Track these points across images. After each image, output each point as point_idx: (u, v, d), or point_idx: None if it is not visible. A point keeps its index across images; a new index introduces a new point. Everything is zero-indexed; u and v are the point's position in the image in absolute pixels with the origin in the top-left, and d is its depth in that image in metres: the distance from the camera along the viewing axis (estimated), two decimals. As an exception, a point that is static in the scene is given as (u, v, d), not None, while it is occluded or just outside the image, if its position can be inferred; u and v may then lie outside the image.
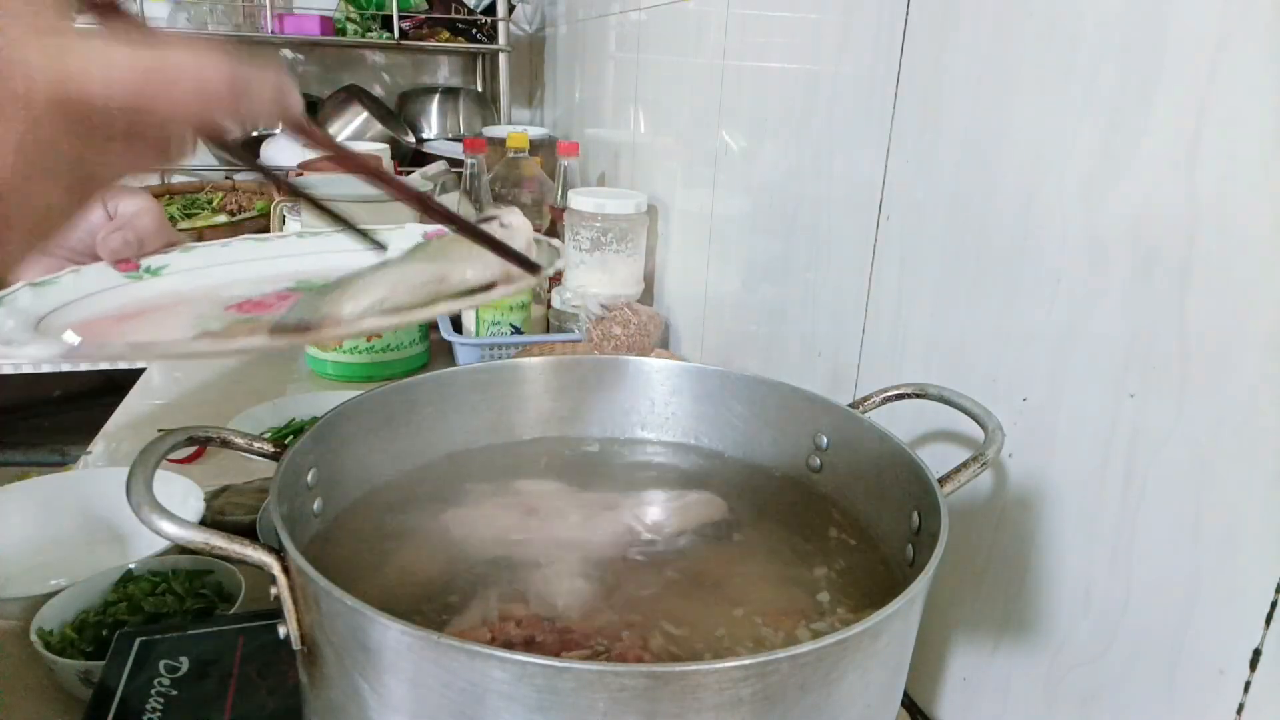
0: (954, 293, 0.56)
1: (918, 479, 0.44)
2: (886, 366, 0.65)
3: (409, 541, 0.48)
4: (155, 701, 0.47)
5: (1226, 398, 0.38)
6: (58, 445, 1.42)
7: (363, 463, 0.52)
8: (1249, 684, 0.38)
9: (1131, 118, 0.42)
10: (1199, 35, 0.39)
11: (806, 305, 0.78)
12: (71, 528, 0.71)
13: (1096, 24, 0.44)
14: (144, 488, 0.37)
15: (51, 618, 0.57)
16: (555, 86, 1.98)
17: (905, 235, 0.62)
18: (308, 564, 0.33)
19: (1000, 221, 0.52)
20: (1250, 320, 0.37)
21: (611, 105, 1.47)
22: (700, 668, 0.30)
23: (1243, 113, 0.37)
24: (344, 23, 1.83)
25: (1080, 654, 0.47)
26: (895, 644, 0.37)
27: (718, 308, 1.02)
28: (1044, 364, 0.49)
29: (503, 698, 0.30)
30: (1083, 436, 0.46)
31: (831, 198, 0.73)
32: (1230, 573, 0.39)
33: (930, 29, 0.58)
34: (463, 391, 0.57)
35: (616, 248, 1.13)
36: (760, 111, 0.87)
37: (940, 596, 0.58)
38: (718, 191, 0.99)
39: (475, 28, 1.94)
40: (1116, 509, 0.44)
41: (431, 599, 0.43)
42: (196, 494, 0.71)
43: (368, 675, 0.33)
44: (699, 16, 1.03)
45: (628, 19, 1.34)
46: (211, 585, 0.61)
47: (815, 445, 0.54)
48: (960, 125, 0.55)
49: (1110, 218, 0.44)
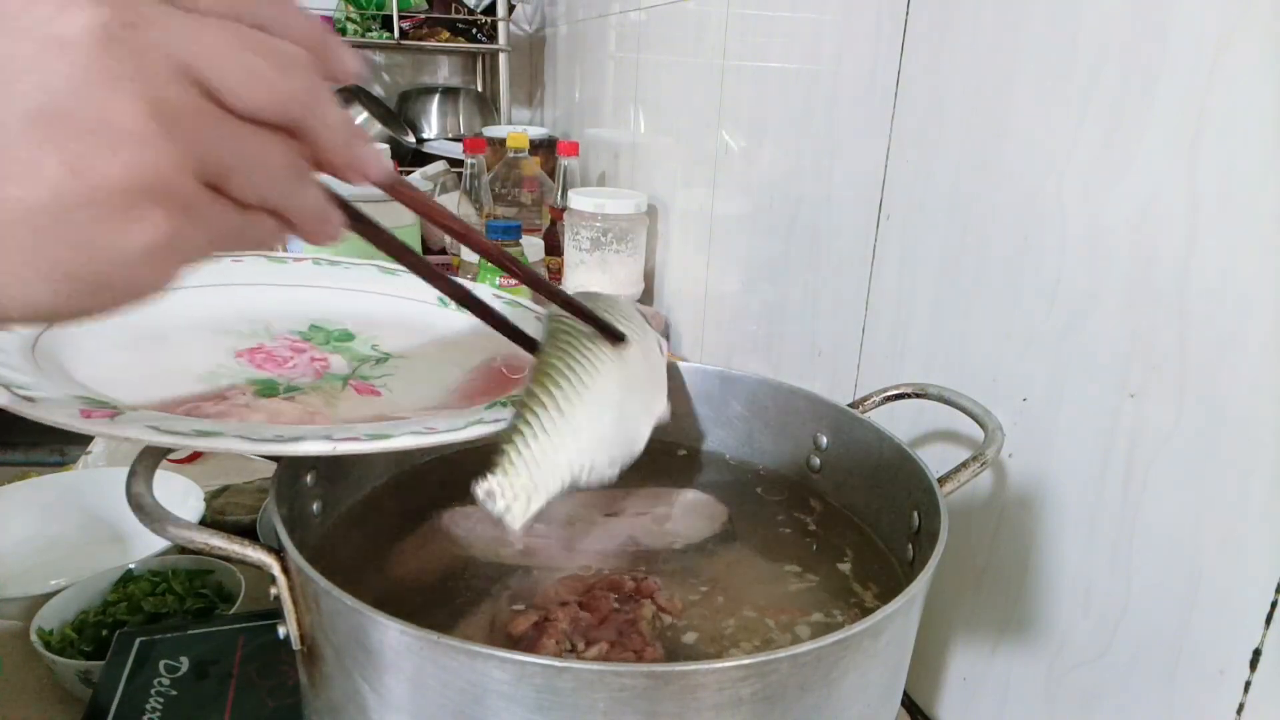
0: (954, 293, 0.56)
1: (918, 479, 0.44)
2: (886, 366, 0.65)
3: (409, 542, 0.48)
4: (155, 701, 0.47)
5: (1226, 398, 0.38)
6: (58, 445, 1.42)
7: (363, 462, 0.52)
8: (1249, 684, 0.38)
9: (1131, 118, 0.42)
10: (1199, 35, 0.39)
11: (806, 305, 0.78)
12: (71, 528, 0.71)
13: (1096, 24, 0.44)
14: (144, 488, 0.37)
15: (51, 618, 0.57)
16: (555, 86, 1.98)
17: (905, 235, 0.62)
18: (308, 564, 0.33)
19: (1000, 221, 0.52)
20: (1250, 320, 0.37)
21: (611, 105, 1.47)
22: (700, 667, 0.30)
23: (1243, 113, 0.37)
24: (344, 23, 1.83)
25: (1080, 654, 0.47)
26: (895, 644, 0.37)
27: (718, 308, 1.02)
28: (1044, 364, 0.49)
29: (503, 698, 0.30)
30: (1083, 436, 0.46)
31: (831, 198, 0.73)
32: (1230, 573, 0.39)
33: (930, 29, 0.58)
34: (463, 391, 0.56)
35: (616, 248, 1.13)
36: (760, 111, 0.87)
37: (940, 596, 0.58)
38: (717, 191, 0.99)
39: (475, 28, 1.94)
40: (1116, 509, 0.44)
41: (431, 599, 0.43)
42: (196, 494, 0.71)
43: (368, 675, 0.33)
44: (699, 16, 1.03)
45: (628, 19, 1.34)
46: (211, 585, 0.61)
47: (815, 445, 0.54)
48: (960, 125, 0.55)
49: (1110, 218, 0.44)
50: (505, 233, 0.98)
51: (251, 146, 0.23)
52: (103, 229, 0.21)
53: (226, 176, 0.23)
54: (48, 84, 0.19)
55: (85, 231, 0.21)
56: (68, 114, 0.19)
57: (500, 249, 0.39)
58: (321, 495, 0.47)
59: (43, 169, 0.20)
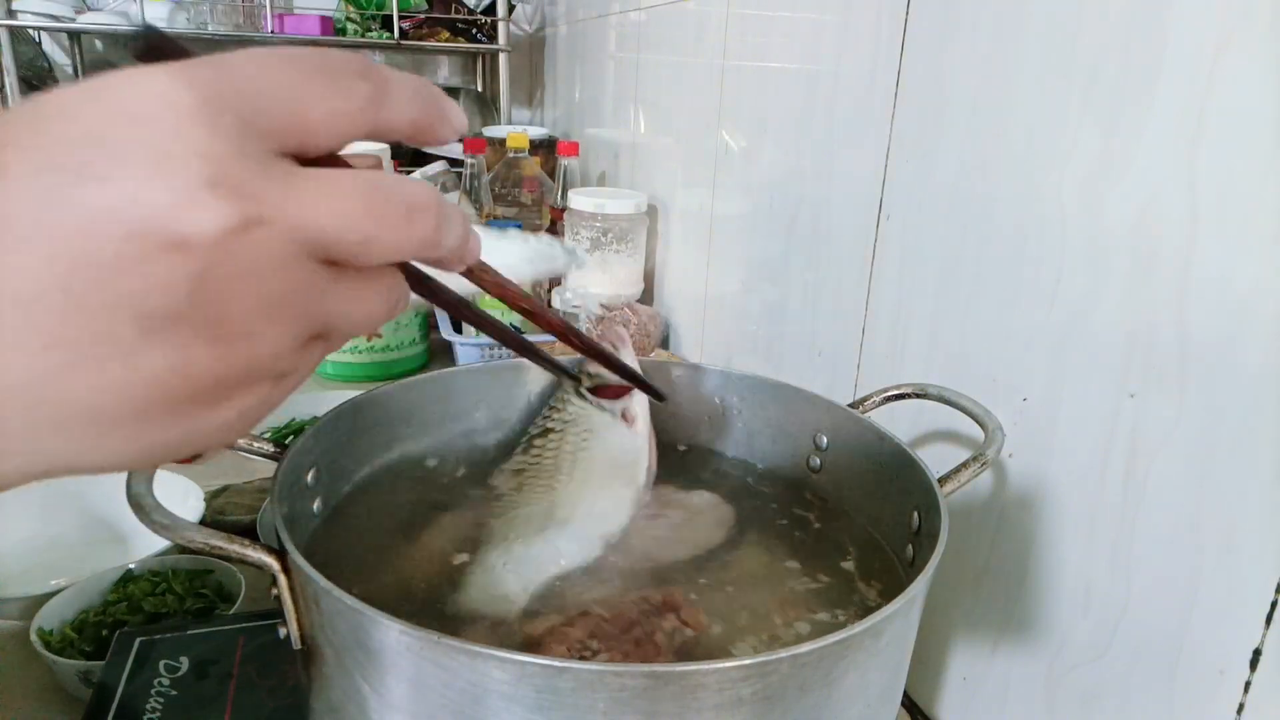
0: (954, 293, 0.56)
1: (918, 479, 0.44)
2: (886, 366, 0.65)
3: (409, 541, 0.48)
4: (155, 701, 0.47)
5: (1226, 398, 0.38)
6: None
7: (363, 463, 0.52)
8: (1249, 684, 0.38)
9: (1131, 118, 0.42)
10: (1199, 35, 0.39)
11: (806, 305, 0.78)
12: (71, 528, 0.71)
13: (1097, 24, 0.44)
14: (144, 488, 0.37)
15: (51, 618, 0.57)
16: (555, 86, 1.98)
17: (905, 235, 0.62)
18: (308, 564, 0.33)
19: (1000, 221, 0.52)
20: (1250, 320, 0.37)
21: (611, 105, 1.47)
22: (700, 667, 0.30)
23: (1243, 113, 0.37)
24: (344, 23, 1.83)
25: (1080, 654, 0.47)
26: (895, 644, 0.37)
27: (718, 308, 1.02)
28: (1044, 364, 0.49)
29: (503, 698, 0.30)
30: (1083, 436, 0.46)
31: (831, 198, 0.73)
32: (1230, 573, 0.39)
33: (930, 29, 0.58)
34: (463, 391, 0.57)
35: (616, 248, 1.13)
36: (760, 111, 0.87)
37: (940, 596, 0.58)
38: (718, 191, 0.99)
39: (475, 28, 1.94)
40: (1116, 509, 0.44)
41: (432, 599, 0.43)
42: (196, 494, 0.71)
43: (368, 675, 0.33)
44: (699, 16, 1.03)
45: (628, 19, 1.34)
46: (211, 585, 0.61)
47: (815, 445, 0.54)
48: (960, 125, 0.55)
49: (1110, 218, 0.44)
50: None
51: (358, 297, 0.22)
52: (202, 411, 0.20)
53: (327, 335, 0.22)
54: (159, 287, 0.18)
55: (184, 414, 0.20)
56: (180, 318, 0.19)
57: (569, 326, 0.39)
58: (321, 495, 0.47)
59: (143, 363, 0.19)
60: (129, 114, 0.18)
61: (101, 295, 0.18)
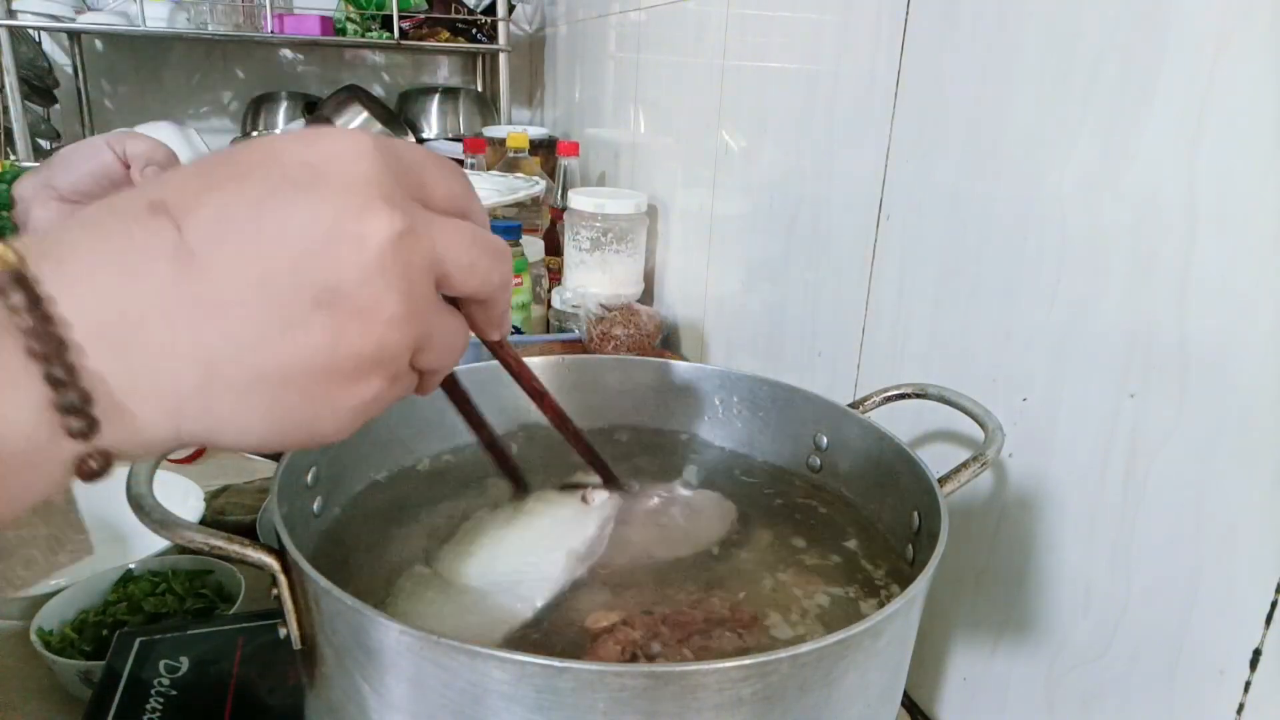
0: (954, 293, 0.56)
1: (918, 479, 0.44)
2: (886, 366, 0.65)
3: (409, 542, 0.48)
4: (155, 702, 0.47)
5: (1226, 398, 0.38)
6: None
7: (363, 462, 0.52)
8: (1249, 684, 0.38)
9: (1131, 118, 0.42)
10: (1199, 35, 0.39)
11: (806, 305, 0.78)
12: (71, 528, 0.71)
13: (1097, 23, 0.44)
14: (144, 488, 0.37)
15: (51, 618, 0.57)
16: (555, 86, 1.98)
17: (905, 235, 0.62)
18: (308, 564, 0.33)
19: (1000, 221, 0.52)
20: (1250, 320, 0.37)
21: (611, 105, 1.47)
22: (700, 667, 0.30)
23: (1243, 113, 0.37)
24: (344, 23, 1.82)
25: (1080, 654, 0.47)
26: (895, 644, 0.37)
27: (717, 308, 1.02)
28: (1044, 364, 0.49)
29: (503, 698, 0.30)
30: (1083, 436, 0.46)
31: (831, 198, 0.73)
32: (1230, 573, 0.39)
33: (930, 28, 0.58)
34: (463, 391, 0.56)
35: (616, 248, 1.13)
36: (760, 111, 0.87)
37: (940, 596, 0.58)
38: (717, 191, 0.99)
39: (475, 28, 1.94)
40: (1116, 509, 0.44)
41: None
42: (196, 494, 0.71)
43: (368, 675, 0.33)
44: (699, 16, 1.03)
45: (628, 19, 1.34)
46: (211, 585, 0.61)
47: (815, 445, 0.54)
48: (960, 125, 0.55)
49: (1110, 218, 0.44)
50: (505, 233, 0.98)
51: (450, 325, 0.28)
52: (335, 389, 0.25)
53: (425, 350, 0.27)
54: (339, 269, 0.24)
55: (321, 389, 0.25)
56: (348, 296, 0.24)
57: (569, 422, 0.45)
58: (322, 495, 0.47)
59: (310, 335, 0.24)
60: (334, 154, 0.25)
61: (298, 277, 0.23)
